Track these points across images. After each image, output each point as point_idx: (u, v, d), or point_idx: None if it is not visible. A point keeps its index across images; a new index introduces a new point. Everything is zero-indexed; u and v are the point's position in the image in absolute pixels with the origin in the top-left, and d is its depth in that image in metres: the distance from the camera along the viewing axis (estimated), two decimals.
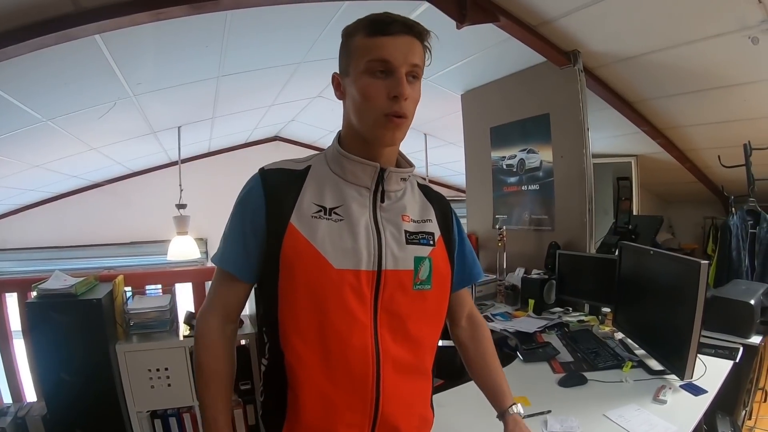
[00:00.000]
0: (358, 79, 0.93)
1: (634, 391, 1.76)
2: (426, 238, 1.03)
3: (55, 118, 3.07)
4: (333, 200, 0.97)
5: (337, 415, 0.94)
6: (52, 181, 5.00)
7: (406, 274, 0.98)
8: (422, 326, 1.02)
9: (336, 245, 0.94)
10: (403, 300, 0.98)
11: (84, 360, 2.31)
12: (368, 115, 0.93)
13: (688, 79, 3.01)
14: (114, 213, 5.82)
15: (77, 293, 2.32)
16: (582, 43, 2.91)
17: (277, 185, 0.97)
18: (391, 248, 0.97)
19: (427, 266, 1.00)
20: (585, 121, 2.96)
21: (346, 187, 0.99)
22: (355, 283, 0.93)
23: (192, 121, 4.20)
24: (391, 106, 0.91)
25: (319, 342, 0.93)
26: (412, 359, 1.00)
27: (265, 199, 0.96)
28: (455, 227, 1.13)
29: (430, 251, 1.02)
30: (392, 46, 0.91)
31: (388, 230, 0.99)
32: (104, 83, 2.74)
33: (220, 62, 2.85)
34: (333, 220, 0.96)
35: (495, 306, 3.19)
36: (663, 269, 1.99)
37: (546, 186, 3.29)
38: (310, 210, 0.95)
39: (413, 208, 1.06)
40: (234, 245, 0.99)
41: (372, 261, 0.95)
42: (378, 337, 0.95)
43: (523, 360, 2.11)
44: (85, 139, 3.78)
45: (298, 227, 0.94)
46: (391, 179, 1.01)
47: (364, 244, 0.95)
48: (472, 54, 3.25)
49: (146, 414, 2.48)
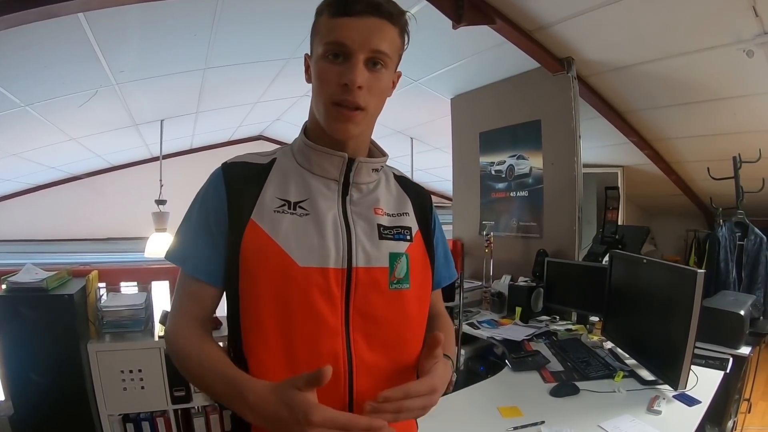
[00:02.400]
0: (316, 63, 0.86)
1: (628, 401, 1.72)
2: (402, 232, 0.94)
3: (34, 104, 2.94)
4: (298, 194, 0.89)
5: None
6: (29, 172, 4.83)
7: (380, 271, 0.88)
8: (401, 330, 0.91)
9: (301, 242, 0.85)
10: (379, 301, 0.88)
11: (53, 359, 2.20)
12: (320, 104, 0.86)
13: (679, 90, 3.02)
14: (91, 207, 5.65)
15: (48, 288, 2.21)
16: (576, 51, 2.91)
17: (238, 179, 0.89)
18: (363, 244, 0.88)
19: (404, 263, 0.90)
20: (577, 128, 2.95)
21: (312, 179, 0.91)
22: (322, 283, 0.84)
23: (175, 115, 4.08)
24: (342, 94, 0.82)
25: (284, 349, 0.83)
26: (390, 367, 0.89)
27: (227, 193, 0.87)
28: (435, 222, 1.05)
29: (407, 247, 0.93)
30: (352, 27, 0.81)
31: (359, 225, 0.90)
32: (86, 68, 2.62)
33: (207, 53, 2.77)
34: (298, 214, 0.87)
35: (481, 313, 3.15)
36: (656, 278, 1.96)
37: (535, 193, 3.26)
38: (273, 204, 0.87)
39: (387, 200, 0.97)
40: (199, 245, 0.88)
41: (341, 258, 0.86)
42: (351, 343, 0.85)
43: (512, 369, 2.05)
44: (65, 129, 3.64)
45: (259, 223, 0.85)
46: (361, 170, 0.93)
47: (332, 240, 0.86)
48: (465, 57, 3.21)
49: (118, 417, 2.38)
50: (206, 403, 2.50)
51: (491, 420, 1.58)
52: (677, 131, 3.57)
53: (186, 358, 0.85)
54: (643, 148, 3.86)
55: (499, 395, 1.79)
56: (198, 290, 0.89)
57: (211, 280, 0.88)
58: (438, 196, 7.53)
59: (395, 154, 5.69)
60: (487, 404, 1.70)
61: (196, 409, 2.52)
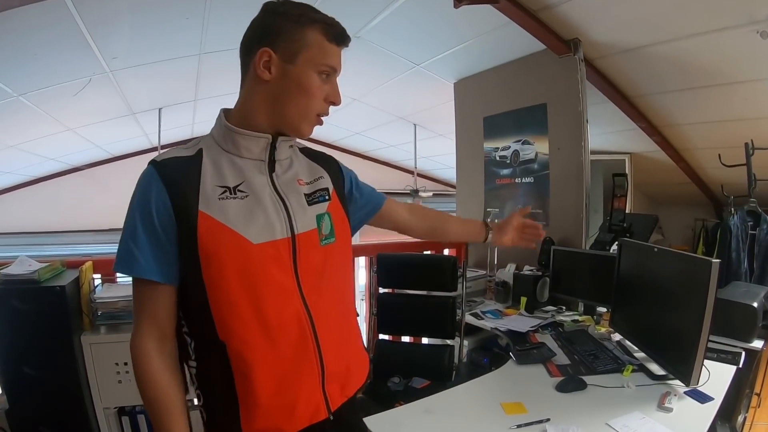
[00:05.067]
0: (307, 75, 0.96)
1: (637, 397, 1.64)
2: (322, 194, 1.07)
3: (27, 94, 2.89)
4: (234, 178, 0.97)
5: (292, 385, 0.95)
6: (29, 164, 4.81)
7: (312, 233, 1.01)
8: (337, 276, 1.06)
9: (249, 222, 0.94)
10: (316, 257, 1.00)
11: (47, 352, 2.14)
12: (302, 110, 0.98)
13: (689, 74, 2.91)
14: (93, 199, 5.64)
15: (40, 280, 2.15)
16: (583, 32, 2.80)
17: (174, 176, 0.92)
18: (298, 212, 1.00)
19: (327, 221, 1.04)
20: (584, 112, 2.85)
21: (242, 162, 0.99)
22: (275, 254, 0.95)
23: (173, 103, 4.03)
24: (325, 109, 1.01)
25: (258, 321, 0.92)
26: (338, 307, 1.06)
27: (167, 191, 0.91)
28: (344, 174, 1.19)
29: (327, 206, 1.06)
30: (339, 57, 1.00)
31: (292, 196, 1.01)
32: (78, 56, 2.57)
33: (201, 38, 2.70)
34: (239, 198, 0.95)
35: (485, 303, 3.08)
36: (668, 268, 1.88)
37: (541, 179, 3.17)
38: (215, 192, 0.94)
39: (303, 171, 1.09)
40: (147, 248, 0.91)
41: (284, 228, 0.97)
42: (305, 298, 0.97)
43: (516, 361, 1.98)
44: (61, 119, 3.60)
45: (208, 212, 0.91)
46: (282, 148, 1.03)
47: (274, 215, 0.97)
48: (468, 39, 3.12)
49: (113, 410, 2.33)
50: None
51: (494, 416, 1.51)
52: (687, 117, 3.46)
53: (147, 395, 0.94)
54: (652, 134, 3.76)
55: (502, 390, 1.72)
56: (155, 293, 0.93)
57: (165, 280, 0.93)
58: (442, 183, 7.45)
59: (398, 140, 5.62)
60: (489, 399, 1.63)
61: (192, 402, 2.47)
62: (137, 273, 0.91)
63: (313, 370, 0.98)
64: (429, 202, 6.93)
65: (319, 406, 0.99)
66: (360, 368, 1.12)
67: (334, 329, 1.03)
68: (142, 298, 0.94)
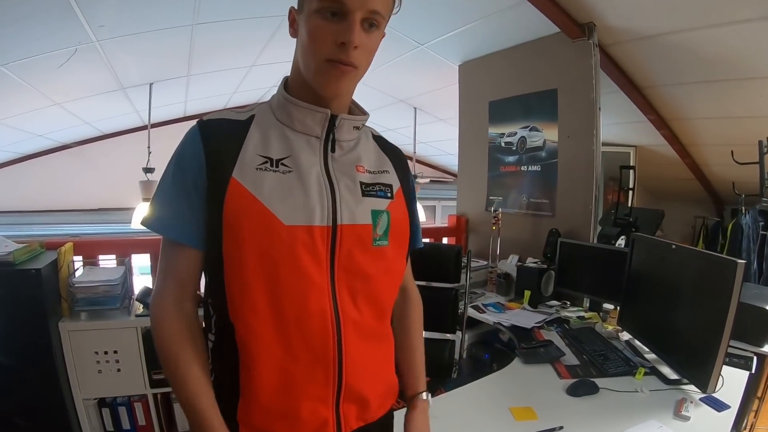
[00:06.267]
0: (308, 19, 0.82)
1: (652, 403, 1.55)
2: (383, 190, 0.94)
3: (8, 64, 2.71)
4: (280, 151, 0.87)
5: (297, 389, 0.85)
6: (16, 140, 4.60)
7: (364, 228, 0.89)
8: (383, 286, 0.94)
9: (285, 199, 0.83)
10: (363, 258, 0.89)
11: (22, 339, 2.02)
12: (311, 60, 0.83)
13: (705, 66, 2.79)
14: (82, 177, 5.43)
15: (15, 261, 2.02)
16: (598, 16, 2.66)
17: (216, 136, 0.85)
18: (347, 201, 0.88)
19: (385, 220, 0.92)
20: (597, 99, 2.72)
21: (293, 136, 0.89)
22: (308, 241, 0.83)
23: (165, 78, 3.83)
24: (337, 52, 0.81)
25: (272, 310, 0.82)
26: (374, 323, 0.93)
27: (204, 151, 0.84)
28: (411, 184, 1.05)
29: (388, 204, 0.93)
30: None
31: (342, 182, 0.89)
32: (62, 23, 2.38)
33: (194, 7, 2.52)
34: (281, 172, 0.85)
35: (486, 295, 2.97)
36: (685, 267, 1.77)
37: (548, 167, 3.04)
38: (255, 162, 0.85)
39: (368, 158, 0.97)
40: (177, 208, 0.85)
41: (326, 215, 0.85)
42: (337, 300, 0.86)
43: (523, 361, 1.87)
44: (47, 92, 3.41)
45: (241, 181, 0.82)
46: (342, 127, 0.92)
47: (316, 198, 0.85)
48: (476, 20, 2.95)
49: (93, 402, 2.22)
50: None
51: (503, 423, 1.40)
52: (699, 111, 3.35)
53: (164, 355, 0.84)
54: (660, 127, 3.65)
55: (510, 393, 1.61)
56: (182, 255, 0.86)
57: (194, 244, 0.86)
58: (441, 171, 7.32)
59: (397, 124, 5.46)
60: (498, 403, 1.52)
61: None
62: (163, 232, 0.86)
63: (327, 381, 0.86)
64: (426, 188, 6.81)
65: (328, 423, 0.88)
66: (387, 395, 0.99)
67: (365, 344, 0.90)
68: (167, 258, 0.88)
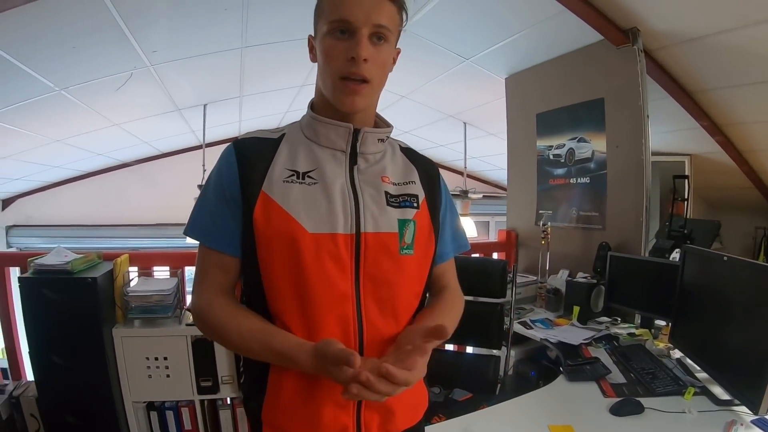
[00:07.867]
0: (322, 41, 0.90)
1: (700, 424, 1.45)
2: (409, 200, 0.97)
3: (69, 88, 2.89)
4: (306, 164, 0.93)
5: (321, 393, 0.88)
6: (78, 158, 4.90)
7: (390, 237, 0.92)
8: (409, 296, 0.96)
9: (310, 209, 0.88)
10: (390, 266, 0.91)
11: (77, 343, 2.15)
12: (328, 78, 0.90)
13: (758, 66, 2.60)
14: (141, 194, 5.74)
15: (73, 270, 2.14)
16: (641, 21, 2.56)
17: (249, 154, 0.93)
18: (371, 209, 0.92)
19: (411, 229, 0.94)
20: (645, 106, 2.60)
21: (320, 150, 0.96)
22: (332, 248, 0.87)
23: (218, 99, 3.99)
24: (348, 68, 0.87)
25: (301, 315, 0.87)
26: (396, 331, 0.93)
27: (238, 168, 0.91)
28: (442, 192, 1.07)
29: (414, 214, 0.96)
30: (354, 5, 0.86)
31: (366, 192, 0.94)
32: (117, 49, 2.53)
33: (242, 31, 2.62)
34: (307, 183, 0.91)
35: (534, 311, 2.88)
36: (740, 280, 1.66)
37: (598, 179, 2.93)
38: (283, 175, 0.91)
39: (394, 170, 1.01)
40: (219, 219, 0.91)
41: (350, 223, 0.89)
42: (361, 308, 0.89)
43: (567, 378, 1.79)
44: (105, 114, 3.62)
45: (269, 193, 0.89)
46: (367, 140, 0.97)
47: (339, 206, 0.90)
48: (518, 32, 2.92)
49: (142, 405, 2.31)
50: (234, 395, 2.38)
51: None
52: (753, 114, 3.12)
53: (222, 329, 0.89)
54: (714, 134, 3.42)
55: (551, 410, 1.55)
56: (221, 262, 0.92)
57: (232, 252, 0.91)
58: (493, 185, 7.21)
59: (448, 140, 5.45)
60: (537, 421, 1.46)
61: (222, 402, 2.41)
62: (205, 241, 0.93)
63: None
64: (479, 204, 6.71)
65: (348, 429, 0.90)
66: (415, 406, 1.00)
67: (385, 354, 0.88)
68: (207, 265, 0.93)
